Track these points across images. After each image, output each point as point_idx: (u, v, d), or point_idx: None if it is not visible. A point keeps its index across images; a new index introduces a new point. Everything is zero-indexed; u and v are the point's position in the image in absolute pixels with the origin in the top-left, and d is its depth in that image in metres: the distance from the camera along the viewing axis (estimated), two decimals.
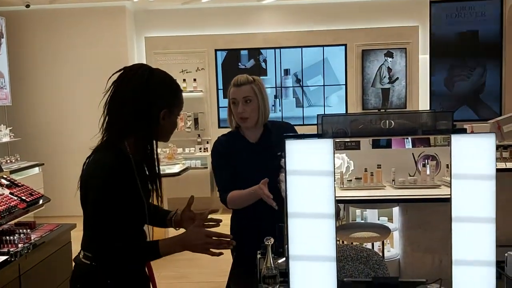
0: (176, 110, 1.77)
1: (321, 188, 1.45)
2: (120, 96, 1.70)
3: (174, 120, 1.78)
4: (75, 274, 1.79)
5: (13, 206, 3.06)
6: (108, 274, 1.71)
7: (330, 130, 1.46)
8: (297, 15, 7.36)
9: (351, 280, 1.77)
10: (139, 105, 1.68)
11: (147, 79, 1.69)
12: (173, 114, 1.76)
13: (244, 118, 2.30)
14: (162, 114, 1.72)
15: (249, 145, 2.37)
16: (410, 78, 7.23)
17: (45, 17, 7.24)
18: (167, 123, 1.75)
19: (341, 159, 4.29)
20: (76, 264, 1.80)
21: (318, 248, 1.45)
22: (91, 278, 1.73)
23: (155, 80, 1.72)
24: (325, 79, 7.40)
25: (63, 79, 7.28)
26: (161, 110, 1.71)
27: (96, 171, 1.69)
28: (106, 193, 1.64)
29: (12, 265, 2.62)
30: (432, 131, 1.52)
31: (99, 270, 1.71)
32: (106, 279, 1.71)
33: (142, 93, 1.68)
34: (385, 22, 7.23)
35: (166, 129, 1.77)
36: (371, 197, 3.89)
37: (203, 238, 1.71)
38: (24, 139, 7.05)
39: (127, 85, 1.69)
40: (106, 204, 1.64)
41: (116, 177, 1.65)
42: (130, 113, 1.68)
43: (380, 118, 1.50)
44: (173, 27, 7.44)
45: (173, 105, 1.75)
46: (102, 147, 1.73)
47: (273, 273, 1.69)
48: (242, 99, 2.28)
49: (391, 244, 4.41)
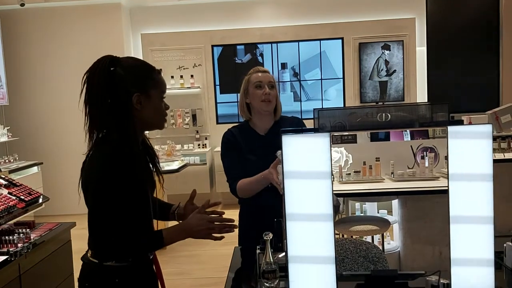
0: (154, 92, 1.72)
1: (319, 181, 1.45)
2: (91, 92, 1.69)
3: (157, 103, 1.74)
4: (83, 272, 1.79)
5: (12, 206, 3.06)
6: (116, 273, 1.71)
7: (328, 124, 1.46)
8: (293, 9, 7.34)
9: (350, 274, 1.77)
10: (110, 96, 1.66)
11: (110, 67, 1.68)
12: (151, 97, 1.72)
13: (268, 101, 2.37)
14: (136, 99, 1.69)
15: (258, 137, 2.42)
16: (408, 71, 7.22)
17: (40, 15, 7.22)
18: (147, 108, 1.71)
19: (340, 152, 4.29)
20: (84, 263, 1.80)
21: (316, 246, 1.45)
22: (99, 276, 1.74)
23: (121, 67, 1.70)
24: (322, 73, 7.39)
25: (59, 77, 7.26)
26: (132, 95, 1.68)
27: (94, 166, 1.69)
28: (106, 185, 1.63)
29: (12, 264, 2.62)
30: (429, 123, 1.52)
31: (107, 268, 1.71)
32: (114, 278, 1.72)
33: (108, 83, 1.66)
34: (382, 15, 7.22)
35: (150, 114, 1.72)
36: (370, 190, 3.89)
37: (206, 223, 1.71)
38: (22, 138, 7.04)
39: (93, 79, 1.68)
40: (106, 196, 1.63)
41: (114, 169, 1.63)
42: (105, 106, 1.66)
43: (376, 111, 1.49)
44: (169, 23, 7.42)
45: (146, 88, 1.71)
46: (96, 145, 1.72)
47: (272, 268, 1.69)
48: (267, 82, 2.38)
49: (391, 237, 4.42)
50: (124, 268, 1.72)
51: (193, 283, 4.32)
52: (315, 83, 7.41)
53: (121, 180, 1.63)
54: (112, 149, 1.66)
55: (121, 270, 1.72)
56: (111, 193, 1.63)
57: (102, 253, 1.72)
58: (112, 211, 1.64)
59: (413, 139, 4.57)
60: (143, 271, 1.79)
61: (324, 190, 1.44)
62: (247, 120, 2.48)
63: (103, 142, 1.70)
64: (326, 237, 1.45)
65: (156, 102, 1.74)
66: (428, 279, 1.60)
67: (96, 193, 1.66)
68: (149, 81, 1.73)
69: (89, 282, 1.76)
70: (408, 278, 1.64)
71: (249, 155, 2.38)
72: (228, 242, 2.67)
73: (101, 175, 1.64)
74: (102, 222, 1.67)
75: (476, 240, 1.45)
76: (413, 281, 1.65)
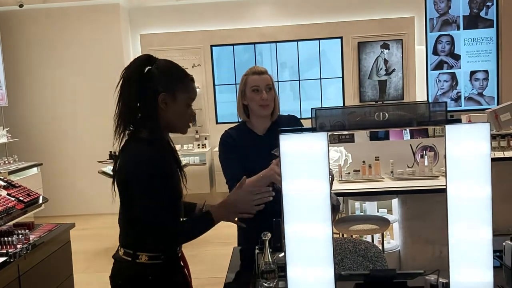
0: (181, 96, 1.75)
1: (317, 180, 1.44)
2: (124, 88, 1.74)
3: (182, 107, 1.76)
4: (115, 270, 1.83)
5: (10, 207, 3.05)
6: (149, 270, 1.75)
7: (328, 123, 1.46)
8: (292, 9, 7.34)
9: (349, 273, 1.77)
10: (139, 93, 1.72)
11: (145, 66, 1.74)
12: (177, 100, 1.74)
13: (266, 106, 2.34)
14: (161, 99, 1.72)
15: (257, 138, 2.41)
16: (407, 69, 7.22)
17: (39, 16, 7.22)
18: (171, 110, 1.74)
19: (339, 152, 4.29)
20: (115, 261, 1.83)
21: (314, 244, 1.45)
22: (133, 274, 1.77)
23: (155, 66, 1.75)
24: (321, 72, 7.38)
25: (58, 78, 7.27)
26: (159, 95, 1.72)
27: (131, 163, 1.71)
28: (148, 179, 1.66)
29: (12, 266, 2.61)
30: (427, 122, 1.51)
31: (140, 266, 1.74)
32: (147, 275, 1.75)
33: (140, 80, 1.72)
34: (381, 14, 7.21)
35: (173, 116, 1.75)
36: (370, 190, 3.89)
37: (249, 196, 1.81)
38: (21, 139, 7.05)
39: (128, 75, 1.74)
40: (151, 188, 1.66)
41: (151, 163, 1.67)
42: (133, 102, 1.74)
43: (375, 110, 1.49)
44: (168, 23, 7.42)
45: (173, 90, 1.74)
46: (127, 143, 1.76)
47: (271, 268, 1.69)
48: (264, 86, 2.34)
49: (391, 236, 4.42)
50: (157, 265, 1.76)
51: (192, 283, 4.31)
52: (314, 82, 7.41)
53: (159, 174, 1.66)
54: (145, 145, 1.70)
55: (154, 267, 1.76)
56: (154, 186, 1.66)
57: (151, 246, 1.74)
58: (160, 201, 1.66)
59: (412, 138, 4.56)
60: (173, 268, 1.83)
61: (322, 189, 1.43)
62: (244, 120, 2.47)
63: (134, 139, 1.74)
64: (324, 236, 1.44)
65: (181, 106, 1.76)
66: (427, 278, 1.60)
67: (140, 188, 1.67)
68: (177, 84, 1.75)
69: (122, 280, 1.80)
70: (407, 277, 1.63)
71: (248, 155, 2.36)
72: (227, 242, 2.67)
73: (141, 169, 1.67)
74: (150, 214, 1.67)
75: (475, 239, 1.44)
76: (412, 280, 1.65)
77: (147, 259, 1.75)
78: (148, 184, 1.66)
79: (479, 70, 6.67)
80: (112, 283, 1.82)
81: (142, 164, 1.68)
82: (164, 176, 1.69)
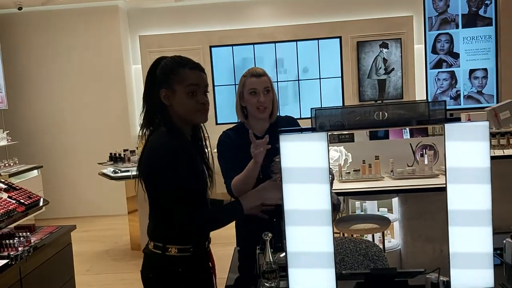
0: (179, 87, 1.76)
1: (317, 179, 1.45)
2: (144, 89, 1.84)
3: (182, 98, 1.76)
4: (145, 264, 1.85)
5: (11, 210, 3.06)
6: (179, 262, 1.77)
7: (327, 123, 1.46)
8: (291, 9, 7.35)
9: (349, 272, 1.77)
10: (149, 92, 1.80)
11: (155, 68, 1.80)
12: (176, 92, 1.76)
13: (263, 109, 2.34)
14: (163, 95, 1.76)
15: (256, 137, 2.38)
16: (406, 69, 7.22)
17: (38, 19, 7.22)
18: (175, 103, 1.77)
19: (339, 151, 4.29)
20: (145, 255, 1.85)
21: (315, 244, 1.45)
22: (163, 267, 1.79)
23: (160, 65, 1.81)
24: (321, 72, 7.39)
25: (58, 80, 7.28)
26: (160, 91, 1.76)
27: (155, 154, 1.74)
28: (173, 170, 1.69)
29: (13, 268, 2.62)
30: (426, 121, 1.52)
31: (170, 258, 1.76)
32: (177, 267, 1.77)
33: (150, 80, 1.80)
34: (379, 13, 7.22)
35: (179, 109, 1.77)
36: (370, 189, 3.89)
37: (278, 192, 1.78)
38: (21, 142, 7.05)
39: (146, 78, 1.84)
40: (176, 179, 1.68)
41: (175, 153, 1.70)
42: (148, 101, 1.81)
43: (374, 109, 1.49)
44: (167, 25, 7.43)
45: (170, 83, 1.76)
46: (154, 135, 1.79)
47: (272, 268, 1.69)
48: (263, 89, 2.33)
49: (392, 235, 4.42)
50: (186, 258, 1.78)
51: None
52: (314, 82, 7.41)
53: (181, 160, 1.69)
54: (164, 136, 1.74)
55: (184, 260, 1.78)
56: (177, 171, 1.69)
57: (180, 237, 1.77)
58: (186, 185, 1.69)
59: (412, 137, 4.56)
60: (202, 261, 1.85)
61: (322, 188, 1.44)
62: (243, 121, 2.46)
63: (153, 134, 1.79)
64: (325, 236, 1.45)
65: (181, 97, 1.77)
66: (428, 277, 1.60)
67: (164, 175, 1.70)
68: (173, 77, 1.77)
69: (153, 273, 1.81)
70: (408, 276, 1.64)
71: (246, 156, 2.36)
72: (228, 243, 2.68)
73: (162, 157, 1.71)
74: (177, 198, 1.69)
75: (475, 236, 1.45)
76: (413, 279, 1.66)
77: (176, 251, 1.77)
78: (171, 170, 1.69)
79: (478, 69, 6.67)
80: (143, 277, 1.85)
81: (162, 152, 1.72)
82: (187, 162, 1.71)
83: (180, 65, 1.79)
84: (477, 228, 1.44)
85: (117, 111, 7.20)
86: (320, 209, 1.44)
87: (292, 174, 1.45)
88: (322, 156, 1.44)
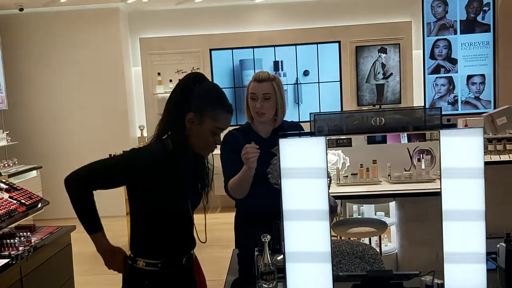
0: (207, 121, 1.77)
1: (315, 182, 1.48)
2: (169, 98, 1.83)
3: (205, 132, 1.78)
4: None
5: (13, 210, 3.09)
6: (146, 276, 1.78)
7: (326, 127, 1.50)
8: (291, 13, 7.38)
9: (346, 274, 1.80)
10: (175, 104, 1.79)
11: (193, 84, 1.79)
12: (203, 124, 1.77)
13: (261, 114, 2.36)
14: (189, 117, 1.76)
15: (260, 140, 2.41)
16: (404, 73, 7.26)
17: (39, 20, 7.25)
18: (195, 131, 1.77)
19: (337, 155, 4.33)
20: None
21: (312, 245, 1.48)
22: (132, 278, 1.83)
23: (197, 86, 1.79)
24: (319, 76, 7.42)
25: (58, 81, 7.29)
26: (188, 112, 1.76)
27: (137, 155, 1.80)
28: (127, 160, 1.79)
29: (14, 268, 2.65)
30: (423, 126, 1.56)
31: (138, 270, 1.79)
32: (144, 280, 1.79)
33: (181, 95, 1.79)
34: (378, 18, 7.26)
35: (195, 137, 1.78)
36: (367, 193, 3.92)
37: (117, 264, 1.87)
38: (21, 142, 7.06)
39: (176, 87, 1.83)
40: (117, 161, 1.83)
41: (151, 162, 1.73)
42: (168, 110, 1.81)
43: (371, 115, 1.53)
44: (168, 27, 7.46)
45: (203, 113, 1.77)
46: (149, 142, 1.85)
47: (270, 269, 1.72)
48: (262, 95, 2.35)
49: (389, 239, 4.45)
50: (154, 272, 1.78)
51: None
52: (313, 86, 7.45)
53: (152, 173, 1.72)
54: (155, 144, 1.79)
55: (151, 274, 1.78)
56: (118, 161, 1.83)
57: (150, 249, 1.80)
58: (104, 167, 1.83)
59: (409, 142, 4.60)
60: (174, 277, 1.82)
61: (320, 190, 1.47)
62: (249, 122, 2.49)
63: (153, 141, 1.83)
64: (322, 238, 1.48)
65: (205, 130, 1.79)
66: (422, 279, 1.64)
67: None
68: (208, 109, 1.78)
69: (126, 283, 1.85)
70: (403, 278, 1.67)
71: None
72: (226, 245, 2.71)
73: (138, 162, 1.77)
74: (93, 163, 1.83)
75: (469, 242, 1.48)
76: (408, 282, 1.69)
77: (144, 265, 1.79)
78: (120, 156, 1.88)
79: (476, 74, 6.71)
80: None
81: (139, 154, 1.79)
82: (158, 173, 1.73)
83: (222, 103, 1.81)
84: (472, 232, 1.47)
85: (117, 112, 7.23)
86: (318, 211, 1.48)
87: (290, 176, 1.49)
88: (320, 160, 1.47)
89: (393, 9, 7.28)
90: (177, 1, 7.13)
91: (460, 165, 1.43)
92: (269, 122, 2.44)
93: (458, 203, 1.45)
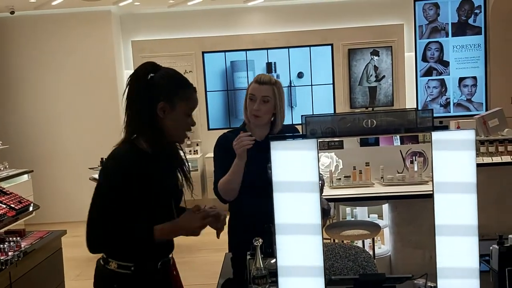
0: (180, 105, 1.75)
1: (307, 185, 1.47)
2: (128, 95, 1.76)
3: (180, 116, 1.76)
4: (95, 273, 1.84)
5: (2, 214, 3.05)
6: (116, 278, 1.74)
7: (319, 129, 1.49)
8: (284, 16, 7.39)
9: (339, 278, 1.79)
10: (140, 100, 1.73)
11: (148, 73, 1.74)
12: (175, 109, 1.74)
13: (257, 116, 2.35)
14: (160, 107, 1.73)
15: (255, 143, 2.38)
16: (397, 76, 7.29)
17: (30, 23, 7.20)
18: (169, 118, 1.74)
19: (330, 158, 4.32)
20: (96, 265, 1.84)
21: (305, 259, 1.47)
22: (102, 279, 1.79)
23: (157, 74, 1.76)
24: (312, 79, 7.43)
25: (50, 84, 7.25)
26: (158, 103, 1.72)
27: (107, 161, 1.75)
28: (112, 179, 1.69)
29: (3, 273, 2.62)
30: (415, 128, 1.55)
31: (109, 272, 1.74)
32: (113, 283, 1.74)
33: (141, 87, 1.73)
34: (370, 21, 7.28)
35: (171, 125, 1.75)
36: (360, 195, 3.92)
37: (199, 221, 1.73)
38: (12, 146, 7.00)
39: (131, 82, 1.76)
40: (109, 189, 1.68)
41: (125, 166, 1.69)
42: (135, 108, 1.74)
43: (364, 117, 1.52)
44: (160, 30, 7.44)
45: (173, 98, 1.73)
46: (118, 144, 1.78)
47: (262, 273, 1.71)
48: (260, 97, 2.34)
49: (382, 241, 4.45)
50: (126, 276, 1.73)
51: None
52: (305, 89, 7.45)
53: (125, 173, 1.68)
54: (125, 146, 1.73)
55: (122, 277, 1.73)
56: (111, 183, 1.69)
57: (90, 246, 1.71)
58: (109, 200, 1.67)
59: (402, 144, 4.60)
60: (146, 282, 1.77)
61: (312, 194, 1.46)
62: (244, 125, 2.47)
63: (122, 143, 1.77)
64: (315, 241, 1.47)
65: (179, 115, 1.76)
66: (415, 282, 1.63)
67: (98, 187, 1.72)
68: (177, 93, 1.75)
69: (96, 284, 1.81)
70: (396, 281, 1.66)
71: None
72: (218, 248, 2.68)
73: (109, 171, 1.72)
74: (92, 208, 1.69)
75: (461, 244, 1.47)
76: (401, 285, 1.68)
77: (116, 267, 1.74)
78: (105, 180, 1.71)
79: (468, 77, 6.75)
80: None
81: (111, 161, 1.73)
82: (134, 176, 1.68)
83: (186, 84, 1.80)
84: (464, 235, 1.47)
85: (109, 116, 7.18)
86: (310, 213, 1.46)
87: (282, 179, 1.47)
88: (312, 162, 1.46)
89: (385, 12, 7.30)
90: (170, 4, 7.11)
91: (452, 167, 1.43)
92: (265, 126, 2.43)
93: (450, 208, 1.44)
